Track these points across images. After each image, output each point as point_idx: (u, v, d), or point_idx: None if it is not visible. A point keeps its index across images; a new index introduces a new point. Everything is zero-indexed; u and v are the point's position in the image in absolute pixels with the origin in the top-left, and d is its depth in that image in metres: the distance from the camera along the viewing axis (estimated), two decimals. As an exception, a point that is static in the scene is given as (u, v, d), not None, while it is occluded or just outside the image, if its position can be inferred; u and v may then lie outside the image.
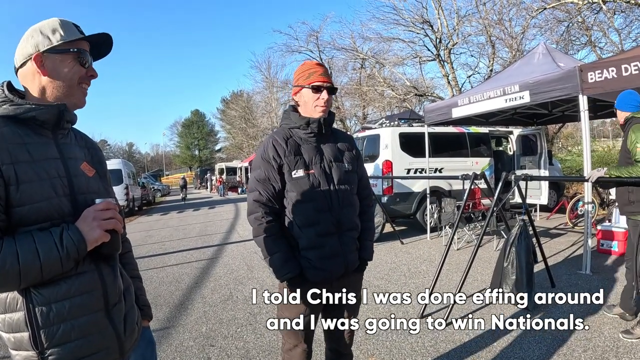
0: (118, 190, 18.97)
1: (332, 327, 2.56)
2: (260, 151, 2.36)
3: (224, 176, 37.31)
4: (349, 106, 29.79)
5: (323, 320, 2.56)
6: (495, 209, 5.01)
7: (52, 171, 1.38)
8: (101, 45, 1.59)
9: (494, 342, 4.02)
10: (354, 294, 2.51)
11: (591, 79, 5.71)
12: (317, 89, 2.29)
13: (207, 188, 44.54)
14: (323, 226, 2.26)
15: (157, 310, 5.45)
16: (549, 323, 4.34)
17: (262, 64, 41.50)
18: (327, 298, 2.42)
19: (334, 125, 2.46)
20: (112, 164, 20.21)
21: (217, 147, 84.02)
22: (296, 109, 2.40)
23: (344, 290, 2.43)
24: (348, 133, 2.65)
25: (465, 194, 5.30)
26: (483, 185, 7.12)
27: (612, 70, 5.51)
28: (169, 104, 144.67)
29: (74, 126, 1.61)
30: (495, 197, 4.89)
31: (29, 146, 1.35)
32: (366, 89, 23.74)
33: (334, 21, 71.48)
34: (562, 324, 4.30)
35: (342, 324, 2.53)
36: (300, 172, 2.25)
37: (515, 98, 6.71)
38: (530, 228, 5.20)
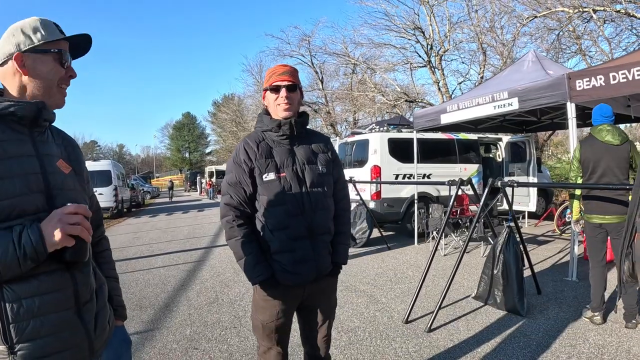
0: (107, 192, 18.88)
1: (306, 331, 2.57)
2: (232, 155, 2.36)
3: (213, 179, 37.21)
4: (340, 111, 29.85)
5: (298, 324, 2.56)
6: (481, 215, 5.00)
7: (27, 168, 1.37)
8: (79, 45, 1.58)
9: (477, 347, 4.01)
10: (327, 299, 2.51)
11: (579, 86, 5.73)
12: (275, 89, 2.29)
13: (197, 191, 44.41)
14: (294, 230, 2.24)
15: (141, 312, 5.43)
16: (534, 329, 4.38)
17: (254, 67, 41.45)
18: (301, 302, 2.42)
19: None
20: (101, 165, 20.13)
21: (207, 150, 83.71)
22: (268, 112, 2.39)
23: (317, 294, 2.43)
24: (326, 135, 2.63)
25: (451, 200, 5.28)
26: (471, 192, 7.13)
27: (600, 78, 5.54)
28: (160, 106, 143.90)
29: (54, 124, 1.60)
30: (481, 203, 4.89)
31: (4, 143, 1.34)
32: (357, 94, 23.80)
33: (326, 26, 71.91)
34: (546, 330, 4.35)
35: (316, 328, 2.53)
36: (271, 176, 2.24)
37: (504, 105, 6.73)
38: (517, 235, 5.21)
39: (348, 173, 10.43)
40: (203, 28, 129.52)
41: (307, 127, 2.45)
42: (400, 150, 10.06)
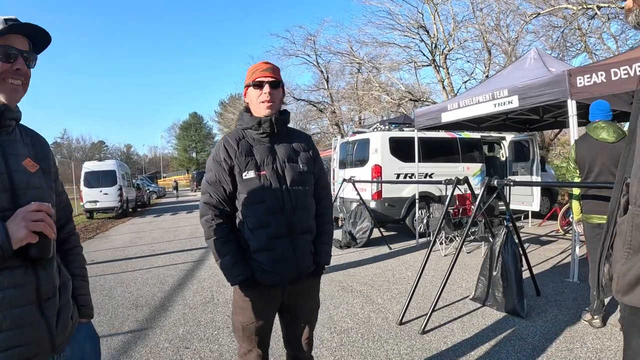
0: (112, 191, 18.95)
1: (287, 333, 2.53)
2: (212, 154, 2.34)
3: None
4: (346, 110, 29.84)
5: (280, 325, 2.52)
6: (477, 214, 4.93)
7: None
8: (40, 38, 1.56)
9: (471, 350, 3.93)
10: (308, 300, 2.47)
11: (580, 83, 5.63)
12: (258, 85, 2.25)
13: (203, 191, 44.49)
14: (274, 228, 2.20)
15: (137, 311, 5.44)
16: (531, 332, 4.29)
17: (260, 67, 41.55)
18: (282, 303, 2.38)
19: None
20: (106, 165, 20.22)
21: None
22: (249, 110, 2.36)
23: (298, 295, 2.38)
24: (307, 134, 2.59)
25: (448, 199, 5.22)
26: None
27: (602, 75, 5.43)
28: (167, 107, 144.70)
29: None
30: (477, 202, 4.81)
31: None
32: (362, 93, 23.75)
33: (331, 25, 71.76)
34: (543, 333, 4.27)
35: (298, 329, 2.49)
36: (251, 174, 2.21)
37: (504, 103, 6.64)
38: (516, 235, 5.13)
39: (349, 172, 10.40)
40: (209, 28, 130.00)
41: (288, 125, 2.42)
42: (401, 149, 9.98)
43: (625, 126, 8.68)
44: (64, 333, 1.55)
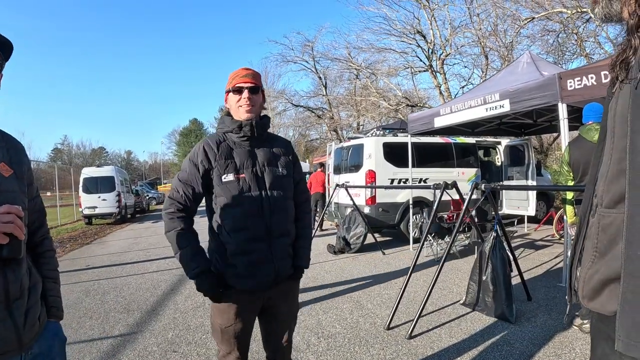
0: (110, 197, 18.92)
1: (267, 336, 2.53)
2: (190, 154, 2.34)
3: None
4: (344, 116, 29.88)
5: (260, 328, 2.52)
6: (464, 217, 4.93)
7: None
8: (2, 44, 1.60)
9: (457, 356, 3.91)
10: (288, 303, 2.47)
11: (570, 86, 5.63)
12: (238, 91, 2.29)
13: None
14: (252, 231, 2.21)
15: (128, 315, 5.45)
16: (519, 337, 4.28)
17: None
18: (262, 306, 2.38)
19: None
20: (105, 171, 20.19)
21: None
22: (230, 115, 2.39)
23: (278, 298, 2.39)
24: (287, 139, 2.61)
25: (435, 204, 5.22)
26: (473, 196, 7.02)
27: (592, 77, 5.43)
28: (167, 113, 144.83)
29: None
30: (464, 207, 4.81)
31: None
32: (360, 99, 23.80)
33: (329, 32, 72.03)
34: (532, 338, 4.25)
35: (277, 333, 2.48)
36: (230, 177, 2.22)
37: (496, 107, 6.65)
38: (505, 240, 5.13)
39: (344, 178, 10.41)
40: (208, 34, 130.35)
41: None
42: (395, 154, 9.98)
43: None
44: (31, 332, 1.58)
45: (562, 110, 5.78)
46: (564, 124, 5.84)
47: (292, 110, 30.27)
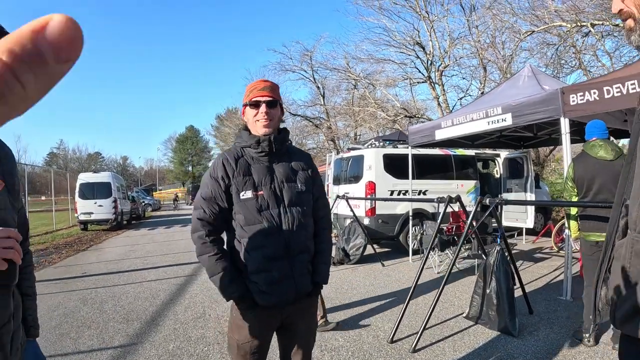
0: (106, 203, 18.85)
1: (285, 353, 2.46)
2: (209, 169, 2.30)
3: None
4: (342, 126, 29.94)
5: (278, 345, 2.48)
6: (469, 231, 4.93)
7: None
8: None
9: (461, 369, 3.91)
10: (307, 320, 2.42)
11: (573, 101, 5.67)
12: (255, 104, 2.24)
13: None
14: (271, 249, 2.17)
15: (127, 325, 5.39)
16: (522, 351, 4.27)
17: (257, 82, 41.81)
18: (281, 323, 2.34)
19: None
20: (101, 177, 20.10)
21: (210, 164, 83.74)
22: (247, 128, 2.35)
23: (297, 315, 2.35)
24: (307, 153, 2.57)
25: (439, 217, 5.22)
26: (468, 208, 7.05)
27: (594, 93, 5.47)
28: (164, 119, 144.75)
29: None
30: (469, 221, 4.82)
31: None
32: (358, 109, 23.85)
33: (327, 41, 72.28)
34: (535, 352, 4.24)
35: (295, 350, 2.42)
36: (248, 194, 2.19)
37: (498, 120, 6.68)
38: (508, 253, 5.12)
39: (343, 189, 10.39)
40: (206, 41, 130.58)
41: (288, 143, 2.40)
42: (395, 166, 10.01)
43: (620, 143, 8.73)
44: (16, 357, 1.52)
45: (565, 125, 5.81)
46: (566, 138, 5.87)
47: (289, 119, 30.28)
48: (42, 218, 21.72)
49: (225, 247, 2.27)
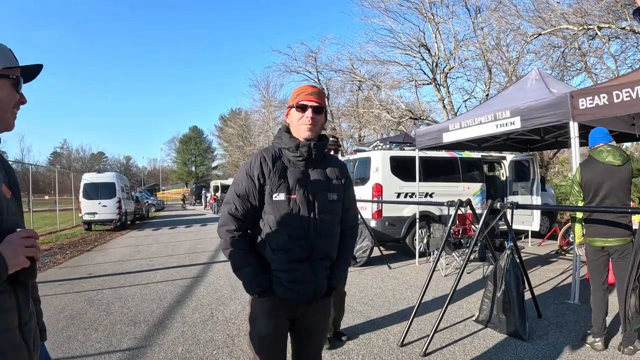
0: (110, 204, 18.86)
1: (297, 352, 2.48)
2: (245, 166, 2.30)
3: (218, 194, 37.13)
4: (346, 128, 29.91)
5: (291, 344, 2.48)
6: (480, 235, 4.91)
7: None
8: (29, 73, 1.62)
9: (473, 374, 3.89)
10: (320, 320, 2.45)
11: (582, 105, 5.65)
12: (302, 108, 2.24)
13: (201, 205, 44.55)
14: (296, 253, 2.20)
15: (135, 328, 5.37)
16: (533, 355, 4.25)
17: (261, 83, 41.92)
18: (294, 321, 2.36)
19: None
20: (106, 177, 20.13)
21: (213, 164, 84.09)
22: (289, 130, 2.35)
23: (311, 314, 2.37)
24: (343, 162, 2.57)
25: (450, 221, 5.20)
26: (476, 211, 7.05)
27: (604, 97, 5.45)
28: (167, 120, 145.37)
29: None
30: (480, 224, 4.80)
31: None
32: (362, 111, 23.82)
33: (332, 43, 72.38)
34: (545, 356, 4.23)
35: (308, 349, 2.46)
36: (281, 196, 2.20)
37: (506, 124, 6.66)
38: (517, 256, 5.10)
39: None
40: (211, 42, 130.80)
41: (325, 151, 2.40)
42: (402, 168, 9.98)
43: (623, 146, 8.69)
44: (36, 356, 1.57)
45: (574, 129, 5.80)
46: (574, 142, 5.86)
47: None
48: (46, 218, 21.70)
49: (251, 242, 2.29)
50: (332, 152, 4.37)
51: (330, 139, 4.22)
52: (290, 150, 2.26)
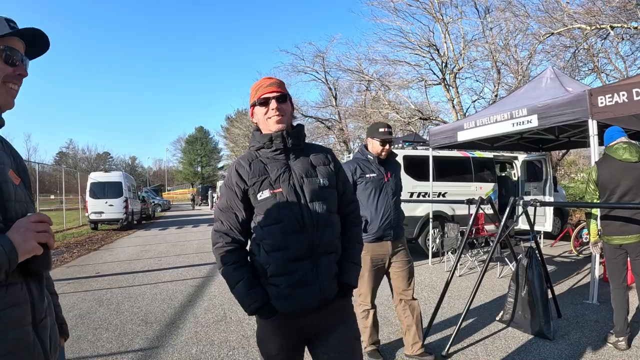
0: (117, 203, 18.87)
1: None
2: (224, 179, 2.19)
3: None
4: (353, 128, 29.82)
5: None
6: (502, 235, 4.80)
7: None
8: (38, 43, 1.48)
9: (497, 376, 3.79)
10: (343, 325, 2.19)
11: (601, 103, 5.56)
12: (264, 102, 2.12)
13: (207, 205, 44.62)
14: (293, 250, 2.01)
15: (147, 328, 5.32)
16: (556, 355, 4.15)
17: (267, 83, 41.85)
18: (312, 333, 2.16)
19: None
20: (113, 176, 20.15)
21: (219, 165, 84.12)
22: (259, 129, 2.21)
23: (328, 321, 2.15)
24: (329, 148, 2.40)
25: (471, 219, 5.09)
26: (488, 211, 6.93)
27: (623, 95, 5.35)
28: (173, 120, 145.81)
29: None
30: (502, 224, 4.70)
31: None
32: (370, 111, 23.72)
33: (340, 42, 72.38)
34: (568, 356, 4.13)
35: None
36: (265, 193, 2.05)
37: (523, 122, 6.55)
38: (539, 255, 5.01)
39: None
40: (217, 41, 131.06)
41: (306, 140, 2.25)
42: (415, 168, 9.87)
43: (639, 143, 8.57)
44: (54, 356, 1.44)
45: (593, 127, 5.71)
46: (593, 140, 5.76)
47: (301, 120, 30.18)
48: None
49: (246, 256, 2.14)
50: (387, 146, 4.17)
51: (386, 129, 4.06)
52: (266, 146, 2.12)
